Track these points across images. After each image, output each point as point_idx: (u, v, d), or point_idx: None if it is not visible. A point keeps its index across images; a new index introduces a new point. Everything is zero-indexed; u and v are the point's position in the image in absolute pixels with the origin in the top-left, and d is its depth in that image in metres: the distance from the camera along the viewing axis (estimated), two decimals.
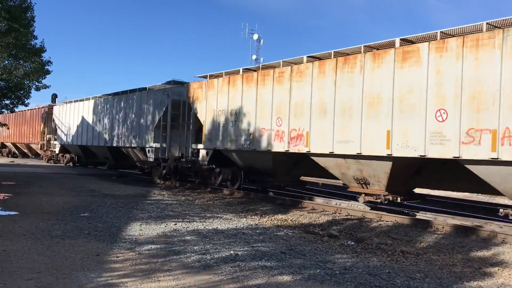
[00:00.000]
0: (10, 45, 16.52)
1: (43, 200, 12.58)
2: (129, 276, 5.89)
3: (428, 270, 6.84)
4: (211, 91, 16.20)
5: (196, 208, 12.47)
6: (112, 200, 13.32)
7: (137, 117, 20.42)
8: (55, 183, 17.48)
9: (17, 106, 20.49)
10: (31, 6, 17.84)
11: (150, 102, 19.44)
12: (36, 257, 6.60)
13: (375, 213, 11.41)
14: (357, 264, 7.01)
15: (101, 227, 9.14)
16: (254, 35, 45.24)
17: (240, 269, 6.42)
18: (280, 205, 13.29)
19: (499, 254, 7.89)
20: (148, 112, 19.55)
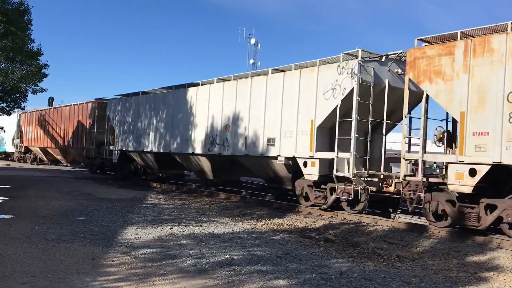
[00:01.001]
0: (7, 48, 16.51)
1: (39, 204, 12.54)
2: (124, 280, 5.87)
3: (423, 275, 6.85)
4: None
5: (192, 212, 12.45)
6: (108, 203, 13.29)
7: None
8: (52, 187, 17.42)
9: (13, 109, 20.44)
10: (28, 10, 17.85)
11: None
12: (31, 261, 6.57)
13: (371, 218, 11.42)
14: (353, 269, 7.01)
15: (97, 230, 9.11)
16: (252, 40, 45.41)
17: (236, 273, 6.42)
18: (276, 209, 13.29)
19: (495, 259, 7.90)
20: None
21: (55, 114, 29.69)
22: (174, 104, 18.52)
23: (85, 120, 25.74)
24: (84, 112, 25.89)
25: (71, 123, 27.41)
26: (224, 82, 16.30)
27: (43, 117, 31.20)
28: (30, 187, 17.03)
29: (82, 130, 25.87)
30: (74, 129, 26.91)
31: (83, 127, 25.70)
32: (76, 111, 26.79)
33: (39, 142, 32.27)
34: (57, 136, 29.16)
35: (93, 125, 24.82)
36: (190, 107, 17.63)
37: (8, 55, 17.04)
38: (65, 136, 27.92)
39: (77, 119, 26.56)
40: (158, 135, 19.22)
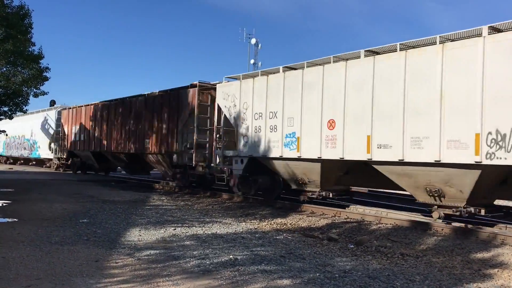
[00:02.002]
0: (8, 52, 16.53)
1: (42, 207, 12.56)
2: (128, 281, 5.88)
3: (427, 273, 6.83)
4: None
5: (195, 213, 12.46)
6: (111, 205, 13.31)
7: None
8: (54, 190, 17.45)
9: (15, 113, 20.46)
10: (28, 13, 17.88)
11: None
12: (35, 264, 6.59)
13: (374, 216, 11.41)
14: (357, 267, 7.01)
15: (100, 233, 9.12)
16: (252, 40, 45.30)
17: (239, 273, 6.42)
18: (279, 209, 13.28)
19: (499, 255, 7.89)
20: None
21: (121, 108, 22.02)
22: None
23: (176, 113, 18.04)
24: (174, 103, 18.20)
25: (149, 118, 19.68)
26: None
27: (99, 112, 24.02)
28: (32, 190, 17.06)
29: (170, 128, 18.29)
30: (155, 127, 19.26)
31: (172, 123, 18.11)
32: (159, 102, 19.29)
33: (93, 145, 24.45)
34: (124, 136, 21.56)
35: (188, 121, 17.29)
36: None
37: (9, 59, 17.06)
38: (139, 136, 20.37)
39: (160, 113, 19.01)
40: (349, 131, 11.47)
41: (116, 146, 22.21)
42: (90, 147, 24.87)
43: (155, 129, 19.19)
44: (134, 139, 20.66)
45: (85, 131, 25.47)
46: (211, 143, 16.61)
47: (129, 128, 21.14)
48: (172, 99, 18.43)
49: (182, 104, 17.74)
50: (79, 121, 26.22)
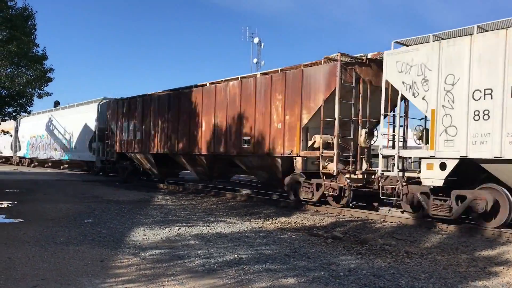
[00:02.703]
0: (12, 54, 16.60)
1: (47, 207, 12.62)
2: (133, 281, 5.90)
3: (432, 270, 6.82)
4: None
5: (199, 212, 12.48)
6: (116, 205, 13.35)
7: None
8: (59, 190, 17.52)
9: (19, 114, 20.54)
10: (32, 15, 17.95)
11: None
12: (40, 264, 6.62)
13: (378, 215, 11.39)
14: (362, 266, 7.00)
15: (105, 233, 9.15)
16: (255, 39, 45.38)
17: (244, 272, 6.42)
18: (283, 208, 13.29)
19: (504, 253, 7.86)
20: None
21: (201, 97, 16.90)
22: None
23: (298, 101, 13.17)
24: (293, 87, 13.33)
25: (250, 108, 14.78)
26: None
27: (166, 104, 18.95)
28: (37, 191, 17.14)
29: (285, 122, 13.52)
30: (260, 120, 14.44)
31: (292, 115, 13.34)
32: (266, 85, 14.22)
33: (154, 145, 19.64)
34: (206, 134, 16.72)
35: (320, 111, 12.50)
36: None
37: (14, 60, 17.13)
38: (231, 133, 15.52)
39: (269, 101, 14.09)
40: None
41: (193, 146, 17.24)
42: (150, 147, 19.77)
43: (260, 123, 14.39)
44: (225, 136, 15.75)
45: (142, 128, 20.22)
46: (356, 141, 12.50)
47: (214, 123, 16.17)
48: (290, 81, 13.40)
49: (310, 87, 12.85)
50: (134, 116, 20.92)
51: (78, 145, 28.16)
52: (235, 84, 15.58)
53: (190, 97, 17.62)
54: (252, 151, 14.73)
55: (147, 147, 20.07)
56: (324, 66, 12.65)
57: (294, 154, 13.22)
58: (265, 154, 14.25)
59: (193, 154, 17.59)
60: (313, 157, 12.87)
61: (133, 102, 21.30)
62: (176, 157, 18.86)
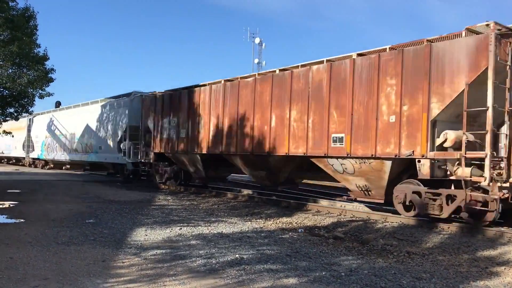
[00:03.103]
0: (14, 54, 16.63)
1: (48, 207, 12.63)
2: (135, 281, 5.91)
3: (434, 270, 6.82)
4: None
5: (201, 213, 12.49)
6: (117, 206, 13.36)
7: None
8: (60, 190, 17.54)
9: (21, 114, 20.56)
10: (34, 15, 17.99)
11: None
12: (42, 264, 6.63)
13: (380, 215, 11.39)
14: (363, 266, 7.00)
15: (107, 233, 9.16)
16: (256, 39, 45.40)
17: (245, 272, 6.43)
18: (284, 208, 13.29)
19: (506, 253, 7.86)
20: None
21: (269, 85, 14.06)
22: None
23: (423, 84, 10.31)
24: (417, 64, 10.42)
25: (340, 99, 11.94)
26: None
27: (213, 96, 16.43)
28: (39, 191, 17.16)
29: (402, 113, 10.70)
30: (358, 112, 11.54)
31: (414, 103, 10.48)
32: (367, 66, 11.40)
33: (201, 145, 16.77)
34: (269, 131, 13.97)
35: (459, 98, 9.71)
36: None
37: (15, 60, 17.17)
38: (308, 129, 12.71)
39: (375, 88, 11.17)
40: None
41: (257, 145, 14.36)
42: (198, 147, 16.97)
43: (360, 116, 11.42)
44: (304, 133, 12.79)
45: (188, 125, 17.48)
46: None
47: (289, 117, 13.30)
48: (410, 61, 10.59)
49: (443, 67, 10.02)
50: (177, 111, 18.08)
51: (104, 145, 24.45)
52: (320, 68, 12.55)
53: (254, 87, 14.59)
54: (348, 151, 11.58)
55: (194, 147, 17.12)
56: (466, 39, 9.78)
57: (418, 156, 10.22)
58: (368, 155, 11.17)
59: (256, 155, 14.51)
60: (442, 159, 10.07)
61: (176, 95, 18.35)
62: (232, 159, 15.94)
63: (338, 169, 12.17)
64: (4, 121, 20.02)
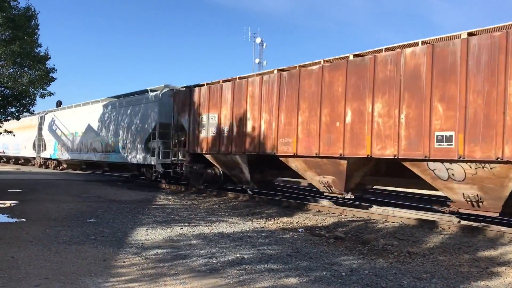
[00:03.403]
0: (15, 53, 16.67)
1: (49, 207, 12.65)
2: (136, 280, 5.92)
3: (434, 271, 6.82)
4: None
5: (201, 212, 12.50)
6: (118, 205, 13.37)
7: None
8: (61, 190, 17.56)
9: (22, 114, 20.60)
10: (35, 15, 18.01)
11: None
12: (43, 264, 6.64)
13: (380, 215, 11.39)
14: (364, 266, 7.01)
15: (108, 232, 9.18)
16: (257, 39, 45.40)
17: (246, 272, 6.44)
18: (285, 208, 13.29)
19: (507, 253, 7.86)
20: None
21: (343, 74, 11.88)
22: None
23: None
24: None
25: (452, 85, 9.77)
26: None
27: (264, 88, 14.27)
28: (40, 190, 17.18)
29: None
30: (468, 104, 9.51)
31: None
32: (487, 47, 9.26)
33: (250, 144, 14.71)
34: (342, 128, 11.81)
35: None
36: None
37: (16, 60, 17.20)
38: (398, 126, 10.67)
39: (491, 73, 9.18)
40: None
41: (325, 145, 12.11)
42: (244, 147, 14.80)
43: (476, 109, 9.36)
44: (392, 131, 10.72)
45: (232, 122, 15.41)
46: None
47: (372, 112, 11.14)
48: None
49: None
50: (219, 106, 16.01)
51: (128, 144, 21.85)
52: (417, 52, 10.40)
53: (321, 77, 12.27)
54: (461, 153, 9.43)
55: (239, 147, 15.03)
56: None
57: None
58: (491, 158, 9.07)
59: (323, 157, 12.19)
60: None
61: (217, 88, 16.15)
62: (289, 162, 13.48)
63: (442, 175, 9.99)
64: (5, 120, 20.04)
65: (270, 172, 15.70)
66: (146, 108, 20.66)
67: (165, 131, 19.12)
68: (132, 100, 22.26)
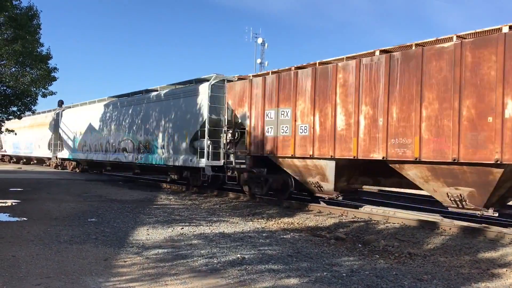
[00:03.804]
0: (17, 53, 16.69)
1: (50, 206, 12.67)
2: (137, 280, 5.93)
3: (435, 272, 6.82)
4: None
5: (202, 212, 12.51)
6: (119, 205, 13.39)
7: None
8: (62, 189, 17.58)
9: (24, 113, 20.61)
10: (37, 14, 18.03)
11: None
12: (44, 263, 6.65)
13: (381, 216, 11.38)
14: (364, 267, 7.01)
15: (109, 232, 9.19)
16: (259, 39, 45.33)
17: (247, 272, 6.44)
18: (286, 208, 13.29)
19: (507, 255, 7.85)
20: None
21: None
22: None
23: None
24: None
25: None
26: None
27: (363, 73, 11.34)
28: (41, 189, 17.20)
29: None
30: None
31: None
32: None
33: (342, 146, 11.69)
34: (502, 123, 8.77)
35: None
36: None
37: (18, 59, 17.22)
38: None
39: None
40: None
41: (468, 148, 9.24)
42: (331, 149, 11.80)
43: None
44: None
45: (312, 118, 12.38)
46: None
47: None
48: None
49: None
50: (291, 99, 13.02)
51: (168, 143, 18.96)
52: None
53: (459, 57, 9.47)
54: None
55: (326, 149, 11.98)
56: None
57: None
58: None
59: (464, 163, 9.36)
60: None
61: (289, 77, 13.19)
62: (405, 169, 10.52)
63: None
64: (7, 119, 20.07)
65: (361, 179, 12.73)
66: (192, 101, 17.69)
67: (214, 128, 16.50)
68: (175, 93, 19.31)
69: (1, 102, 18.35)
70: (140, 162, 21.06)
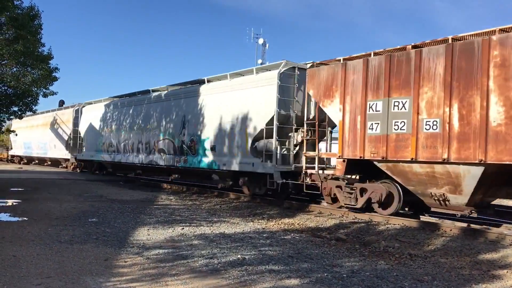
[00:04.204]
0: (18, 53, 16.72)
1: (51, 206, 12.67)
2: (137, 280, 5.92)
3: (436, 273, 6.81)
4: None
5: (203, 213, 12.51)
6: (120, 205, 13.39)
7: None
8: (63, 189, 17.59)
9: (25, 113, 20.64)
10: (38, 14, 18.07)
11: None
12: (45, 262, 6.65)
13: (382, 217, 11.37)
14: (365, 268, 7.00)
15: (109, 232, 9.19)
16: (260, 40, 45.35)
17: (247, 273, 6.44)
18: (287, 209, 13.29)
19: (508, 256, 7.84)
20: None
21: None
22: None
23: None
24: None
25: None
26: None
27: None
28: (42, 189, 17.21)
29: None
30: None
31: None
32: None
33: (498, 145, 8.71)
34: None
35: None
36: None
37: (20, 59, 17.26)
38: None
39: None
40: None
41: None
42: (480, 151, 8.99)
43: None
44: None
45: (446, 112, 9.60)
46: None
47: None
48: None
49: None
50: (409, 87, 10.29)
51: (221, 144, 16.32)
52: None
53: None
54: None
55: (472, 151, 9.18)
56: None
57: None
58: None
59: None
60: None
61: (407, 59, 10.43)
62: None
63: None
64: (8, 119, 20.12)
65: (505, 190, 9.90)
66: (254, 93, 14.98)
67: (283, 126, 14.13)
68: (230, 84, 16.38)
69: (2, 102, 18.39)
70: (182, 165, 18.18)
